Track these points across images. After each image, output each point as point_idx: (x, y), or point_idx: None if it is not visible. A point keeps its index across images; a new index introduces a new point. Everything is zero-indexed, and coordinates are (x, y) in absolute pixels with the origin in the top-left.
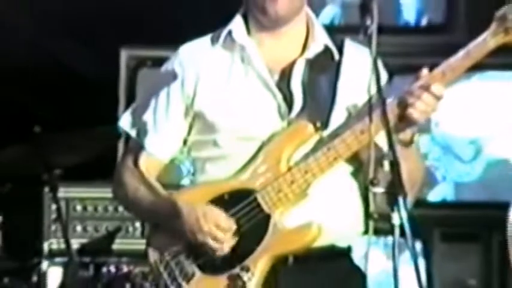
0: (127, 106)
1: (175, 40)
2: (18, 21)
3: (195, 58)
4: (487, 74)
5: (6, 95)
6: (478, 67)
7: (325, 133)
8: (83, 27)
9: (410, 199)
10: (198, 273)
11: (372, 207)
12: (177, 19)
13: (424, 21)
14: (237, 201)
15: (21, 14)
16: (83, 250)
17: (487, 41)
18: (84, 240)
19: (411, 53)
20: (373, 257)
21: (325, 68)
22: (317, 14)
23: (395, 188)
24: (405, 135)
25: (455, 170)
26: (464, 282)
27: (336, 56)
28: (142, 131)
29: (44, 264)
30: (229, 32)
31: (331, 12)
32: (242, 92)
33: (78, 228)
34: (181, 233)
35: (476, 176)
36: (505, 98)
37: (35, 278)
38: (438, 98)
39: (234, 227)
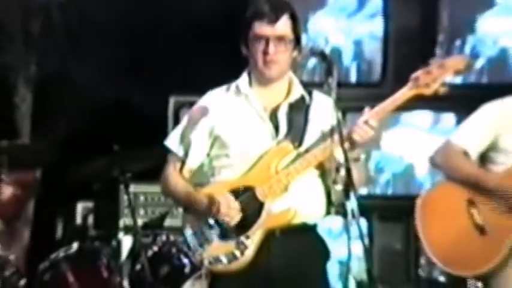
0: None
1: (203, 89)
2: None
3: (215, 101)
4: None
5: (95, 125)
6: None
7: (301, 149)
8: (147, 79)
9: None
10: (216, 239)
11: (333, 198)
12: (202, 74)
13: (365, 79)
14: (242, 194)
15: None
16: (145, 225)
17: (405, 93)
18: (145, 219)
19: (357, 99)
20: None
21: (300, 109)
22: (305, 62)
23: (349, 186)
24: (354, 154)
25: (393, 167)
26: (393, 247)
27: (307, 101)
28: (183, 149)
29: (120, 234)
30: (237, 85)
31: (314, 61)
32: (246, 123)
33: (142, 211)
34: (206, 214)
35: (402, 169)
36: (417, 131)
37: (114, 243)
38: (372, 128)
39: (239, 209)
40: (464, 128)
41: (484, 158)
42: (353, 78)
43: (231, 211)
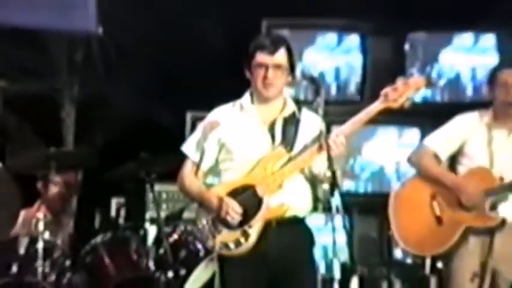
0: None
1: (214, 106)
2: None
3: (222, 115)
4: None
5: (127, 135)
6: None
7: (292, 154)
8: (168, 98)
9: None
10: (224, 229)
11: (320, 195)
12: (212, 94)
13: (341, 96)
14: (245, 191)
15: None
16: (167, 218)
17: (377, 106)
18: (167, 213)
19: (340, 114)
20: None
21: (292, 122)
22: (298, 84)
23: (333, 185)
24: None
25: (371, 169)
26: (370, 236)
27: (297, 115)
28: (199, 155)
29: (147, 225)
30: (241, 103)
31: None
32: (247, 134)
33: (164, 206)
34: (215, 209)
35: (377, 170)
36: (390, 142)
37: (142, 232)
38: (341, 142)
39: (241, 213)
40: (437, 134)
41: (454, 160)
42: (332, 93)
43: (235, 214)
